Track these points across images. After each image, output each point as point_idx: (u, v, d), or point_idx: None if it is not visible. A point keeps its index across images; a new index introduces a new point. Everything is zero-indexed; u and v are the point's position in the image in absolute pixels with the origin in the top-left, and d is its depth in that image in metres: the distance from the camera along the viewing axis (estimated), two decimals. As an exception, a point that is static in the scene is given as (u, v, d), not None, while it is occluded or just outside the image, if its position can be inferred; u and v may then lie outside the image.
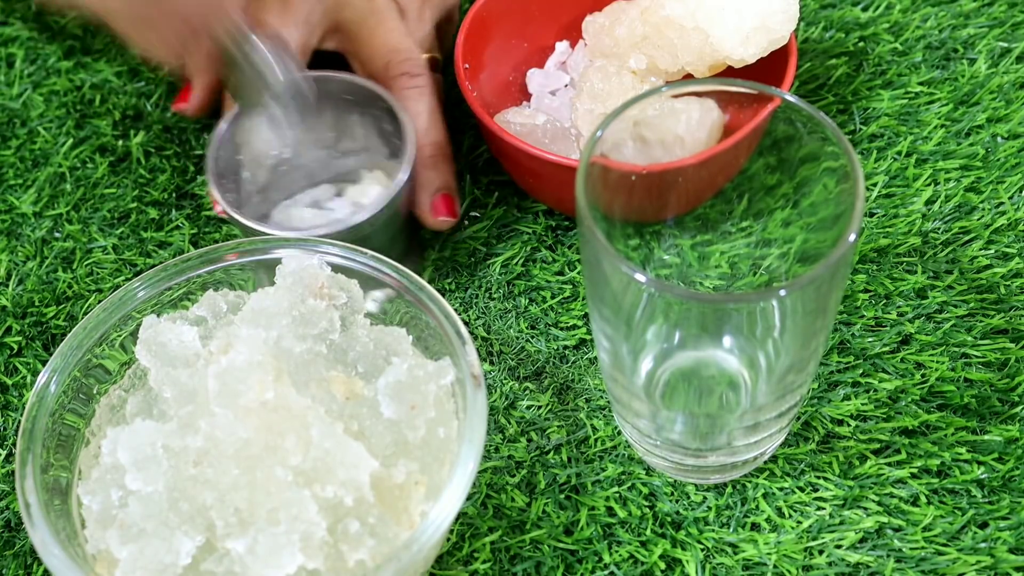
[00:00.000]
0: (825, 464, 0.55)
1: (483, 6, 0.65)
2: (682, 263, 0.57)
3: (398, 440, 0.47)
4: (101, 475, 0.47)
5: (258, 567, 0.44)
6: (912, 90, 0.69)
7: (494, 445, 0.57)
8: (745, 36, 0.59)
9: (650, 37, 0.62)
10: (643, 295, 0.45)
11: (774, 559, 0.52)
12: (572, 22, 0.68)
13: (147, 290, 0.52)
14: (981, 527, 0.52)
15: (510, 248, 0.64)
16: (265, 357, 0.47)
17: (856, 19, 0.73)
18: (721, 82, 0.48)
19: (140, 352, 0.49)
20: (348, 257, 0.52)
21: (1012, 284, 0.60)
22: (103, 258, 0.65)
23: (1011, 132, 0.66)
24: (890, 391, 0.56)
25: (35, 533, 0.45)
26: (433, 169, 0.61)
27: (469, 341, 0.49)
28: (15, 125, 0.72)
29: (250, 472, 0.45)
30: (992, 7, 0.73)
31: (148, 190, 0.68)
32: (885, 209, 0.64)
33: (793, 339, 0.46)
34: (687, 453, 0.52)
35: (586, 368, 0.59)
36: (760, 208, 0.53)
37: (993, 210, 0.63)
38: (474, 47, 0.64)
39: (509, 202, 0.66)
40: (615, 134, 0.47)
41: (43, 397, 0.49)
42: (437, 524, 0.45)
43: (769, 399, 0.49)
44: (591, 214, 0.45)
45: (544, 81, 0.68)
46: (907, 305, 0.59)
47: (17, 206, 0.68)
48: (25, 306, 0.63)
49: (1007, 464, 0.54)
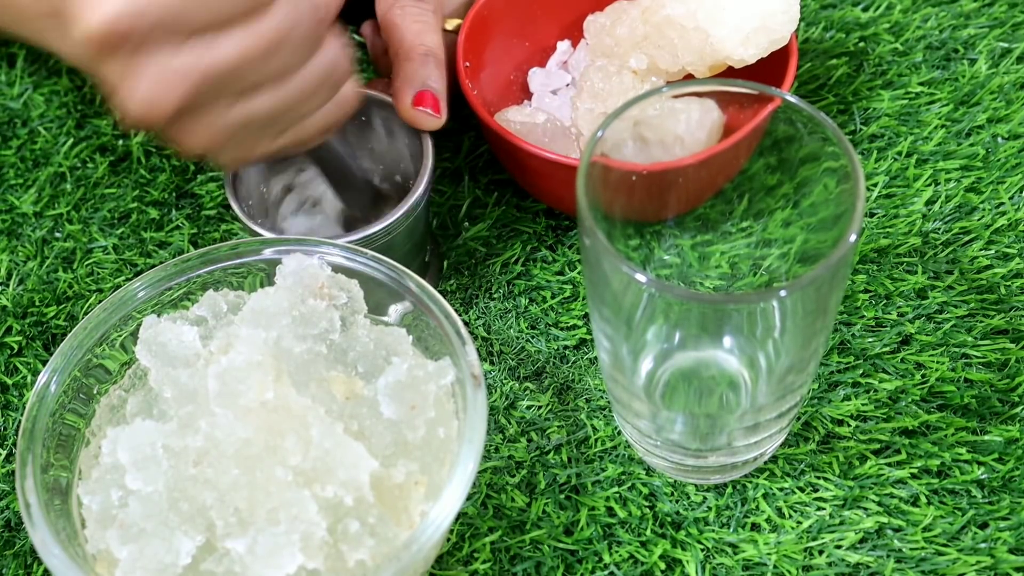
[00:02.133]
0: (825, 464, 0.55)
1: (484, 5, 0.65)
2: (682, 263, 0.57)
3: (398, 440, 0.47)
4: (101, 475, 0.47)
5: (258, 567, 0.44)
6: (912, 90, 0.69)
7: (494, 445, 0.57)
8: (746, 36, 0.59)
9: (651, 37, 0.62)
10: (643, 295, 0.45)
11: (774, 559, 0.52)
12: (574, 22, 0.68)
13: (147, 290, 0.52)
14: (981, 527, 0.52)
15: (510, 248, 0.64)
16: (265, 357, 0.47)
17: (856, 19, 0.73)
18: (721, 82, 0.48)
19: (140, 352, 0.49)
20: (348, 257, 0.52)
21: (1012, 284, 0.60)
22: (103, 258, 0.65)
23: (1011, 132, 0.66)
24: (890, 391, 0.56)
25: (35, 533, 0.45)
26: (422, 67, 0.59)
27: (469, 341, 0.49)
28: (16, 125, 0.72)
29: (250, 472, 0.45)
30: (993, 7, 0.73)
31: (148, 190, 0.68)
32: (885, 209, 0.64)
33: (793, 339, 0.46)
34: (687, 453, 0.52)
35: (586, 368, 0.59)
36: (760, 208, 0.53)
37: (993, 210, 0.63)
38: (475, 46, 0.64)
39: (509, 202, 0.66)
40: (616, 134, 0.47)
41: (43, 397, 0.49)
42: (437, 524, 0.45)
43: (769, 399, 0.49)
44: (591, 214, 0.45)
45: (545, 80, 0.68)
46: (907, 305, 0.59)
47: (18, 206, 0.68)
48: (25, 306, 0.63)
49: (1007, 464, 0.54)
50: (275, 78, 0.47)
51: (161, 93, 0.45)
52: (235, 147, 0.50)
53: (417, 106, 0.58)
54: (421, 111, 0.58)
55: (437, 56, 0.60)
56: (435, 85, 0.59)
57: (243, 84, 0.47)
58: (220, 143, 0.49)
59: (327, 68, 0.49)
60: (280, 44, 0.46)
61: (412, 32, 0.60)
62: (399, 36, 0.60)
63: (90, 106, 0.72)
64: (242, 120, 0.48)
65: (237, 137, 0.49)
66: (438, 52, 0.60)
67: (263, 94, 0.48)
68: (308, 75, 0.48)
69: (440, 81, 0.59)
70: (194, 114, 0.47)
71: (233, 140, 0.49)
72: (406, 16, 0.60)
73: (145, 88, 0.45)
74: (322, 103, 0.51)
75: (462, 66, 0.63)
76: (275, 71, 0.47)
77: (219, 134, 0.48)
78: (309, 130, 0.51)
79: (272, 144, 0.51)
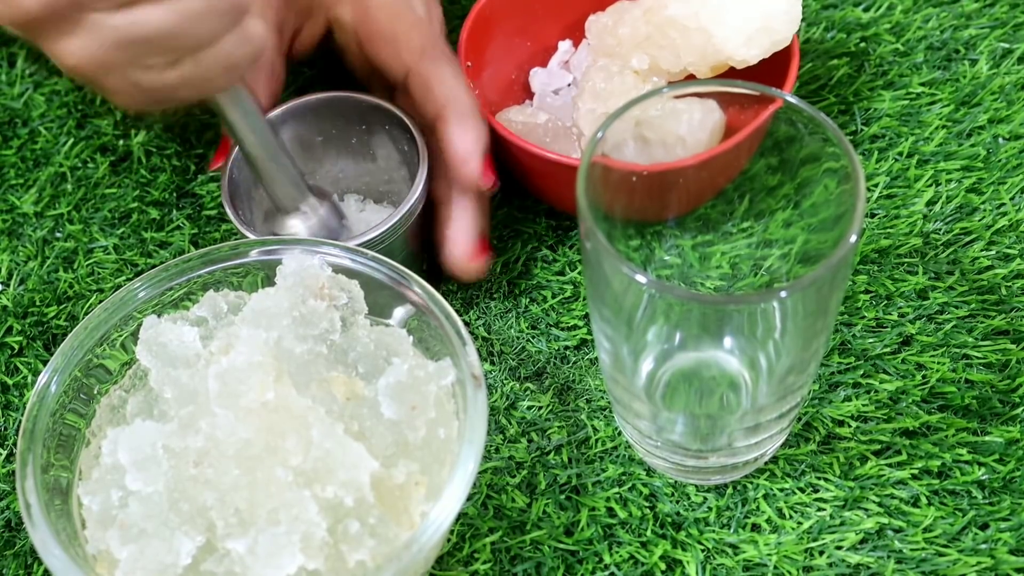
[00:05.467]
0: (826, 465, 0.55)
1: (486, 4, 0.65)
2: (683, 264, 0.57)
3: (398, 440, 0.47)
4: (101, 475, 0.47)
5: (258, 567, 0.44)
6: (913, 91, 0.69)
7: (494, 445, 0.57)
8: (748, 37, 0.59)
9: (653, 37, 0.62)
10: (644, 296, 0.45)
11: (774, 560, 0.52)
12: (576, 21, 0.68)
13: (148, 290, 0.52)
14: (982, 528, 0.52)
15: (511, 248, 0.64)
16: (266, 358, 0.47)
17: (857, 20, 0.73)
18: (723, 83, 0.48)
19: (141, 352, 0.49)
20: (348, 257, 0.52)
21: (1013, 285, 0.60)
22: (104, 258, 0.65)
23: (1012, 133, 0.66)
24: (891, 392, 0.56)
25: (35, 533, 0.45)
26: (484, 205, 0.58)
27: (470, 341, 0.49)
28: (16, 125, 0.72)
29: (250, 472, 0.45)
30: (994, 8, 0.73)
31: (149, 190, 0.68)
32: (886, 210, 0.64)
33: (794, 340, 0.46)
34: (688, 454, 0.52)
35: (587, 368, 0.59)
36: (761, 209, 0.53)
37: (994, 211, 0.63)
38: (476, 45, 0.64)
39: (510, 202, 0.66)
40: (616, 134, 0.47)
41: (44, 397, 0.49)
42: (437, 525, 0.45)
43: (770, 400, 0.49)
44: (592, 215, 0.45)
45: (547, 80, 0.68)
46: (908, 306, 0.59)
47: (18, 206, 0.68)
48: (26, 306, 0.63)
49: (1008, 465, 0.54)
50: None
51: None
52: (121, 72, 0.47)
53: (476, 260, 0.58)
54: (476, 265, 0.58)
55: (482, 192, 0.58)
56: (486, 224, 0.59)
57: None
58: (100, 59, 0.46)
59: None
60: None
61: (466, 140, 0.56)
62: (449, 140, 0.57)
63: (91, 106, 0.72)
64: (124, 32, 0.45)
65: (121, 57, 0.46)
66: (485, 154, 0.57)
67: (149, 4, 0.45)
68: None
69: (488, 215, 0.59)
70: (70, 17, 0.44)
71: (117, 60, 0.46)
72: (446, 82, 0.57)
73: None
74: (219, 30, 0.47)
75: (464, 66, 0.63)
76: None
77: (98, 46, 0.45)
78: (209, 65, 0.48)
79: (167, 76, 0.47)
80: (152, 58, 0.47)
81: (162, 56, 0.47)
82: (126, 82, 0.47)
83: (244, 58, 0.49)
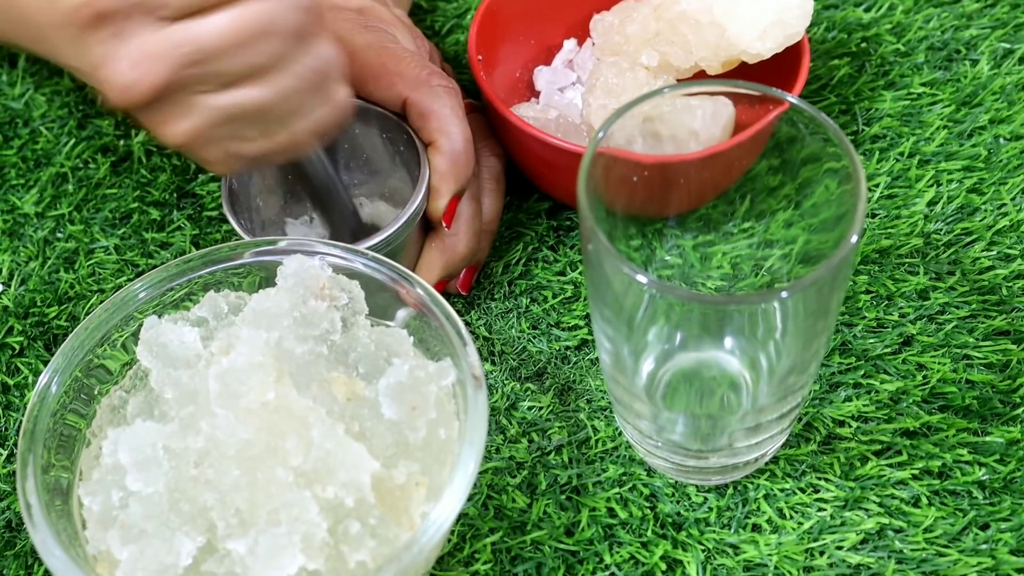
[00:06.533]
0: (826, 465, 0.55)
1: (493, 1, 0.65)
2: (684, 264, 0.57)
3: (399, 441, 0.47)
4: (102, 476, 0.47)
5: (259, 568, 0.44)
6: (914, 91, 0.69)
7: (495, 446, 0.57)
8: (763, 30, 0.59)
9: (663, 33, 0.62)
10: (645, 296, 0.45)
11: (775, 560, 0.52)
12: (580, 21, 0.68)
13: (149, 291, 0.52)
14: (982, 528, 0.52)
15: (512, 248, 0.64)
16: (266, 358, 0.47)
17: (859, 20, 0.73)
18: (728, 83, 0.48)
19: (141, 353, 0.49)
20: (349, 258, 0.52)
21: (1014, 285, 0.60)
22: (105, 258, 0.65)
23: (1013, 133, 0.66)
24: (891, 392, 0.56)
25: (36, 533, 0.45)
26: (480, 242, 0.60)
27: (470, 342, 0.49)
28: (17, 125, 0.72)
29: (251, 473, 0.45)
30: (995, 8, 0.73)
31: (149, 190, 0.68)
32: (887, 210, 0.64)
33: (795, 340, 0.46)
34: (688, 454, 0.52)
35: (587, 369, 0.59)
36: (762, 209, 0.53)
37: (995, 211, 0.63)
38: (486, 40, 0.64)
39: (511, 202, 0.66)
40: (621, 131, 0.47)
41: (44, 397, 0.49)
42: (438, 525, 0.45)
43: (770, 400, 0.49)
44: (593, 211, 0.45)
45: (552, 78, 0.68)
46: (909, 306, 0.59)
47: (19, 206, 0.68)
48: (27, 306, 0.63)
49: (1008, 466, 0.54)
50: (261, 70, 0.47)
51: (142, 72, 0.45)
52: (220, 144, 0.49)
53: (461, 287, 0.60)
54: (454, 288, 0.60)
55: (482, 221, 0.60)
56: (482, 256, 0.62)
57: (227, 71, 0.46)
58: (202, 135, 0.48)
59: (318, 65, 0.49)
60: (264, 30, 0.46)
61: (444, 178, 0.57)
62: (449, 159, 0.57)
63: (92, 106, 0.72)
64: (226, 112, 0.47)
65: (221, 132, 0.48)
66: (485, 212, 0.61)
67: (248, 86, 0.47)
68: (297, 70, 0.48)
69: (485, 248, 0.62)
70: (176, 99, 0.46)
71: (217, 135, 0.48)
72: (443, 115, 0.57)
73: (126, 67, 0.45)
74: (313, 103, 0.50)
75: (475, 59, 0.63)
76: (260, 60, 0.47)
77: (201, 125, 0.47)
78: (300, 133, 0.50)
79: (261, 146, 0.50)
80: (250, 131, 0.49)
81: (259, 129, 0.49)
82: (224, 152, 0.50)
83: (331, 123, 0.52)
